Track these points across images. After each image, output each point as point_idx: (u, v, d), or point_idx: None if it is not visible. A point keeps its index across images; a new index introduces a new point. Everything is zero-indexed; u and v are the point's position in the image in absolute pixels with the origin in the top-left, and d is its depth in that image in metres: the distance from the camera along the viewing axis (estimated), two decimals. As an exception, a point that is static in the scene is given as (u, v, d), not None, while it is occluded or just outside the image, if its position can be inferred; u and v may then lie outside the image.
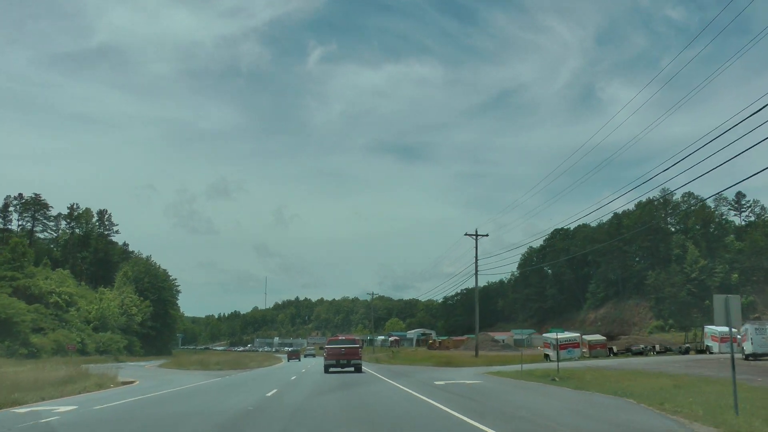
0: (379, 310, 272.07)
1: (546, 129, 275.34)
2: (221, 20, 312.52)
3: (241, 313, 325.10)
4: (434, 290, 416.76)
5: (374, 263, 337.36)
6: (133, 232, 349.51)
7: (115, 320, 76.89)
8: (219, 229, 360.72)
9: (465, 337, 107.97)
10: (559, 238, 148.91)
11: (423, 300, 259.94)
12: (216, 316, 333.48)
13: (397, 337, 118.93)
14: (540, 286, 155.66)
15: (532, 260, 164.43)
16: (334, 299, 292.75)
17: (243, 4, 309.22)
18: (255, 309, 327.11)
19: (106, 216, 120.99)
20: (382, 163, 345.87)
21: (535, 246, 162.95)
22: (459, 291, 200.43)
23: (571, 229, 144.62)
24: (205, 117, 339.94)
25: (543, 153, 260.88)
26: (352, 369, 36.83)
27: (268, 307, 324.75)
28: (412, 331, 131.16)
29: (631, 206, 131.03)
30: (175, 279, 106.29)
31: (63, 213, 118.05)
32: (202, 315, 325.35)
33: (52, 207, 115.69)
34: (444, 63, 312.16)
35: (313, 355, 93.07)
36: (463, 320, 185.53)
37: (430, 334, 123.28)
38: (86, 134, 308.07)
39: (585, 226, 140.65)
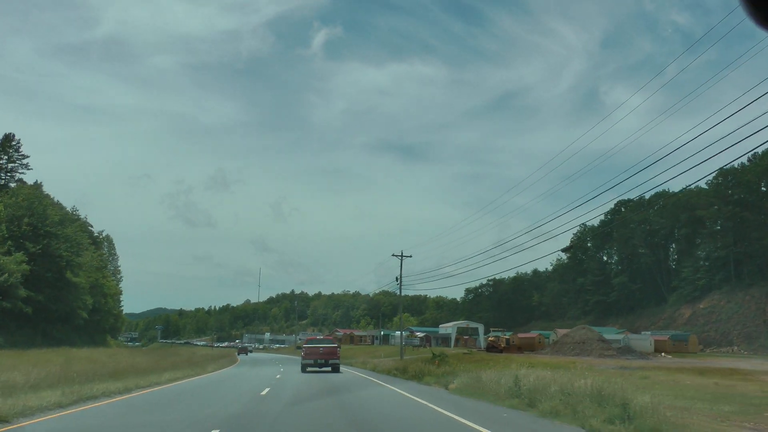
0: (383, 306, 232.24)
1: (549, 132, 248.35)
2: (225, 15, 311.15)
3: (232, 306, 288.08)
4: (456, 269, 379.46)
5: (373, 262, 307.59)
6: (129, 223, 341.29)
7: None
8: (216, 223, 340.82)
9: (536, 333, 68.15)
10: (629, 209, 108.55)
11: (432, 297, 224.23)
12: (206, 309, 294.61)
13: (425, 334, 78.06)
14: (600, 273, 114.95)
15: (585, 241, 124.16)
16: (333, 293, 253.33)
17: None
18: (247, 302, 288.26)
19: (14, 143, 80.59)
20: (383, 161, 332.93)
21: (591, 222, 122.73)
22: (483, 283, 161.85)
23: (647, 197, 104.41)
24: (207, 111, 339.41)
25: (545, 156, 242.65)
26: (329, 369, 33.35)
27: (261, 300, 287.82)
28: (449, 324, 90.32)
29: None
30: (84, 224, 65.79)
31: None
32: (192, 308, 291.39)
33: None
34: (448, 63, 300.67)
35: (251, 351, 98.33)
36: (490, 316, 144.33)
37: (476, 328, 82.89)
38: (88, 125, 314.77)
39: (666, 192, 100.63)
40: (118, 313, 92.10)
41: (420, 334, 75.84)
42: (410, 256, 52.36)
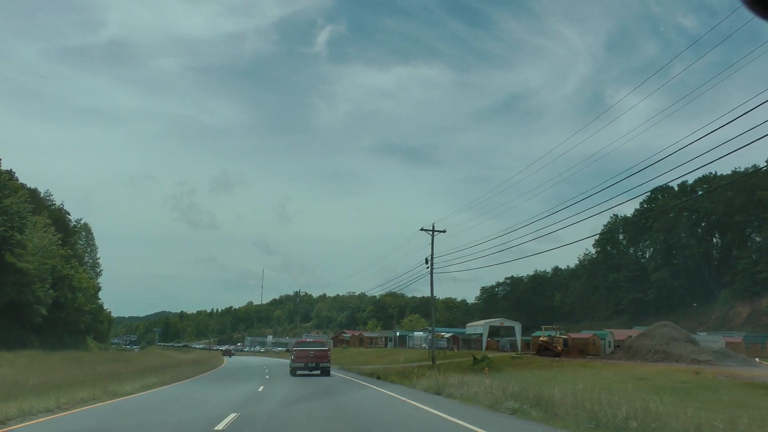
0: (391, 308, 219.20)
1: (553, 135, 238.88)
2: (230, 17, 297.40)
3: (234, 308, 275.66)
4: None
5: (378, 265, 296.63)
6: (132, 225, 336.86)
7: None
8: (220, 225, 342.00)
9: (589, 334, 55.22)
10: (671, 195, 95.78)
11: (441, 298, 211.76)
12: (207, 311, 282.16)
13: (451, 334, 64.36)
14: (636, 268, 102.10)
15: (616, 233, 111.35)
16: (338, 295, 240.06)
17: (252, 1, 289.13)
18: (249, 304, 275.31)
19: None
20: (388, 164, 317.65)
21: (623, 212, 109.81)
22: (500, 281, 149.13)
23: (689, 181, 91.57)
24: (210, 113, 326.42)
25: (550, 159, 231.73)
26: (319, 372, 31.29)
27: (264, 302, 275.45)
28: (478, 322, 76.87)
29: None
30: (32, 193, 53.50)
31: None
32: (194, 311, 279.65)
33: None
34: (452, 66, 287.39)
35: (234, 354, 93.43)
36: (507, 317, 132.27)
37: (512, 327, 69.55)
38: (92, 127, 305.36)
39: (710, 175, 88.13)
40: (97, 311, 79.39)
41: (446, 335, 62.87)
42: (443, 231, 40.02)
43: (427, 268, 39.07)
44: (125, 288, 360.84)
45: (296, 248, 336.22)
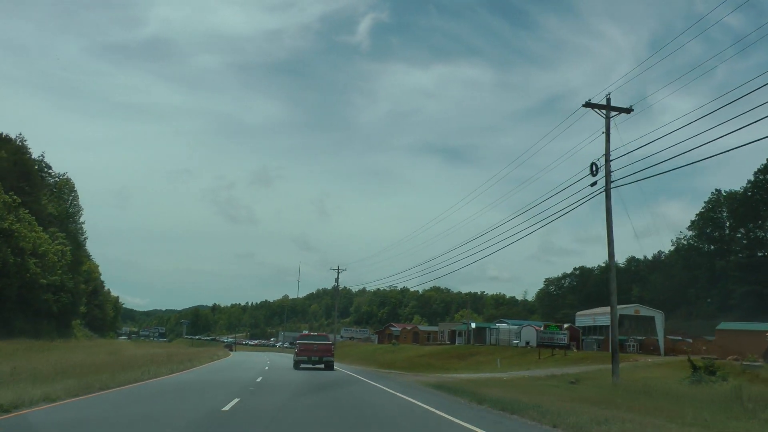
0: (435, 303, 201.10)
1: (594, 135, 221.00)
2: (271, 15, 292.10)
3: (269, 302, 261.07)
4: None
5: (416, 264, 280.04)
6: (171, 220, 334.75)
7: None
8: (259, 221, 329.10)
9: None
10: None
11: (490, 294, 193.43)
12: (241, 305, 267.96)
13: (568, 326, 44.17)
14: (748, 254, 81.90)
15: (719, 214, 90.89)
16: (378, 289, 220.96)
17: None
18: (285, 297, 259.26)
19: None
20: (427, 163, 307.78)
21: (728, 186, 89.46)
22: (566, 273, 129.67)
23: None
24: (250, 111, 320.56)
25: (591, 160, 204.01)
26: (323, 366, 31.60)
27: (300, 296, 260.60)
28: (599, 310, 51.86)
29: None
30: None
31: None
32: (228, 304, 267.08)
33: None
34: (494, 65, 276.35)
35: (233, 350, 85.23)
36: (574, 314, 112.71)
37: (650, 318, 48.53)
38: (134, 123, 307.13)
39: None
40: (80, 291, 62.69)
41: (566, 328, 43.16)
42: (628, 110, 22.27)
43: (592, 184, 21.04)
44: (164, 281, 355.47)
45: (335, 245, 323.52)
